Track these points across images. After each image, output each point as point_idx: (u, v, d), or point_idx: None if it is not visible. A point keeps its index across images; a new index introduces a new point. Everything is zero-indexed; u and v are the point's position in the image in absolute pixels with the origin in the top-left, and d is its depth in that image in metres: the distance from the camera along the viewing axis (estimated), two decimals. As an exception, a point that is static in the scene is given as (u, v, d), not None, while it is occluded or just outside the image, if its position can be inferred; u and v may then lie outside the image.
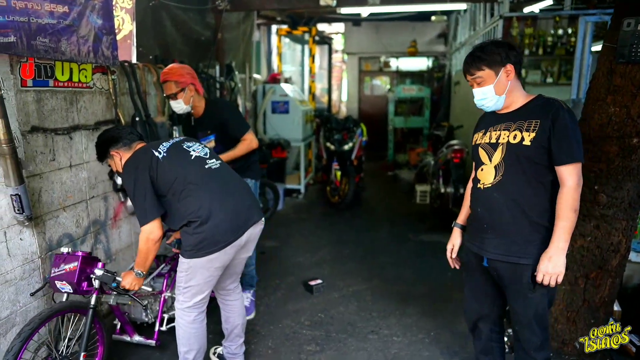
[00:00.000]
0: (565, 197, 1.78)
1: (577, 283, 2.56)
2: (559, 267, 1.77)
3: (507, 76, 1.85)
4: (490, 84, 1.86)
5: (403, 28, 9.79)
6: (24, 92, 2.30)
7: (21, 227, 2.30)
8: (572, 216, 1.78)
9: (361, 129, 6.32)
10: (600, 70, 2.44)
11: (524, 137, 1.82)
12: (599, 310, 2.57)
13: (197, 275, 2.15)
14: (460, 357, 2.60)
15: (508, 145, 1.86)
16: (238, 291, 2.50)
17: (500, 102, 1.90)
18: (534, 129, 1.81)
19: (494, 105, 1.91)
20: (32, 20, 2.20)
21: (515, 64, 1.85)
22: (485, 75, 1.86)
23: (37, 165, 2.39)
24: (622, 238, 2.48)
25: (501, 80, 1.85)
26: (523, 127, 1.84)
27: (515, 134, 1.85)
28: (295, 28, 7.47)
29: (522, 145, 1.82)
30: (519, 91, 1.91)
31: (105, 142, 2.30)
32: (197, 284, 2.17)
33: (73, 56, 2.50)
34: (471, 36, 6.27)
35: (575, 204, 1.78)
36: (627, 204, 2.43)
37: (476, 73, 1.87)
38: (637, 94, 2.28)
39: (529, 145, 1.80)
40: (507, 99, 1.89)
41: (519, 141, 1.83)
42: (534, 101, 1.89)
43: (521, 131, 1.84)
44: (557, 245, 1.78)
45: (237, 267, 2.40)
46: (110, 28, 2.79)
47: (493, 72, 1.85)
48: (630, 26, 2.16)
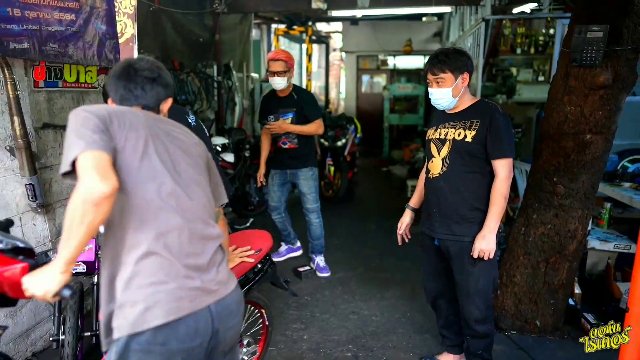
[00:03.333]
0: (498, 186, 2.08)
1: (538, 267, 2.80)
2: (490, 244, 2.07)
3: (462, 82, 2.12)
4: (449, 87, 2.12)
5: (399, 27, 10.00)
6: (36, 93, 2.56)
7: (34, 213, 2.57)
8: (502, 202, 2.08)
9: (355, 125, 6.56)
10: (558, 73, 2.68)
11: (466, 135, 2.11)
12: (558, 292, 2.81)
13: None
14: (430, 334, 2.85)
15: (453, 141, 2.14)
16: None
17: (453, 103, 2.17)
18: (474, 127, 2.10)
19: (447, 105, 2.18)
20: (43, 28, 2.45)
21: (470, 73, 2.15)
22: (446, 77, 2.11)
23: (47, 158, 2.65)
24: (579, 225, 2.72)
25: (458, 85, 2.12)
26: (466, 126, 2.12)
27: (459, 131, 2.13)
28: (292, 28, 7.70)
29: (464, 141, 2.11)
30: (467, 95, 2.20)
31: None
32: None
33: (79, 59, 2.75)
34: (460, 36, 6.49)
35: (505, 192, 2.07)
36: (583, 195, 2.67)
37: (439, 74, 2.12)
38: (589, 94, 2.51)
39: (470, 142, 2.09)
40: (458, 101, 2.17)
41: (462, 138, 2.11)
42: (476, 104, 2.18)
43: (464, 129, 2.12)
44: (489, 226, 2.07)
45: None
46: (113, 33, 3.05)
47: (453, 76, 2.11)
48: (581, 33, 2.39)
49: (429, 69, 2.17)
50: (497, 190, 2.07)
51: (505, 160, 2.06)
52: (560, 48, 2.68)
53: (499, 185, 2.07)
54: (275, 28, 8.00)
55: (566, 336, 2.81)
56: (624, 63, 2.43)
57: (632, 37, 2.37)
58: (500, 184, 2.07)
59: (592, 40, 2.36)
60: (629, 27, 2.35)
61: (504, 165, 2.06)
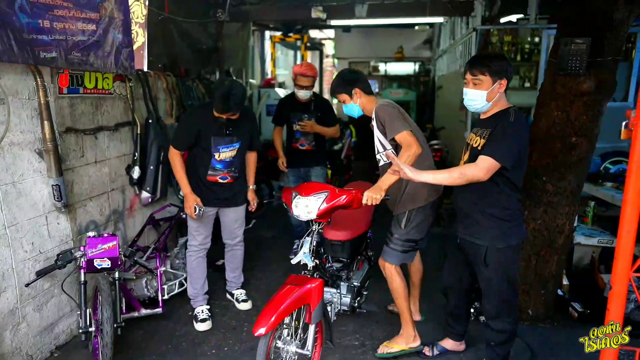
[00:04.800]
0: (466, 166, 2.10)
1: (530, 260, 3.02)
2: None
3: (500, 87, 2.12)
4: (485, 90, 2.12)
5: (391, 34, 10.27)
6: (60, 99, 2.71)
7: (58, 213, 2.71)
8: (450, 176, 2.08)
9: (350, 130, 6.78)
10: (546, 80, 2.91)
11: (479, 143, 2.15)
12: (548, 283, 3.04)
13: None
14: (434, 322, 3.05)
15: (471, 148, 2.21)
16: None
17: (486, 106, 2.17)
18: (485, 136, 2.13)
19: (480, 107, 2.19)
20: (68, 38, 2.61)
21: (508, 80, 2.14)
22: (484, 80, 2.12)
23: (70, 160, 2.80)
24: (566, 221, 2.95)
25: (494, 90, 2.12)
26: (482, 134, 2.16)
27: (477, 138, 2.18)
28: (287, 35, 7.90)
29: (477, 149, 2.14)
30: (503, 100, 2.19)
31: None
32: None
33: (99, 67, 2.91)
34: (451, 45, 6.77)
35: (462, 173, 2.06)
36: (569, 192, 2.90)
37: (478, 75, 2.12)
38: (574, 100, 2.75)
39: (480, 150, 2.12)
40: (492, 106, 2.17)
41: (477, 145, 2.16)
42: (499, 112, 2.17)
43: (481, 137, 2.16)
44: (420, 173, 2.10)
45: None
46: (129, 42, 3.22)
47: (492, 80, 2.11)
48: (567, 45, 2.62)
49: (468, 68, 2.17)
50: (463, 169, 2.08)
51: (490, 159, 2.03)
52: (548, 58, 2.92)
53: (467, 167, 2.08)
54: (271, 35, 8.19)
55: (556, 323, 3.04)
56: (605, 72, 2.67)
57: (612, 49, 2.62)
58: (471, 167, 2.06)
59: (577, 51, 2.59)
60: (609, 40, 2.59)
61: (486, 162, 2.03)
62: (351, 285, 2.91)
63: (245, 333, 3.01)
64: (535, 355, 2.71)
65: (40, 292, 2.62)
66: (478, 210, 2.23)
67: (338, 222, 2.80)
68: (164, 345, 2.86)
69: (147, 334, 2.99)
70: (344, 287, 2.90)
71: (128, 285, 3.07)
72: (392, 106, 2.58)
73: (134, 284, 3.12)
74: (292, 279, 2.31)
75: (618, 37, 2.61)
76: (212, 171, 2.97)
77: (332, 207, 2.37)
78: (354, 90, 2.67)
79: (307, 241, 2.46)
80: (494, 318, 2.34)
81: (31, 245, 2.54)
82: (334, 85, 2.76)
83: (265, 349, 2.13)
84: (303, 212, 2.39)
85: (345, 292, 2.88)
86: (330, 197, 2.37)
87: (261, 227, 5.11)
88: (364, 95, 2.68)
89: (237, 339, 2.94)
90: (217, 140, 2.90)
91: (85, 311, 2.46)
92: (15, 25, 2.22)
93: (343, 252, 2.87)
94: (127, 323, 2.81)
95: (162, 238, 3.42)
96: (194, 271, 3.14)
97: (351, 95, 2.68)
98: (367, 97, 2.69)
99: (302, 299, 2.22)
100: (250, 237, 4.76)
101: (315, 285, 2.27)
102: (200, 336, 2.96)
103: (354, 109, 2.72)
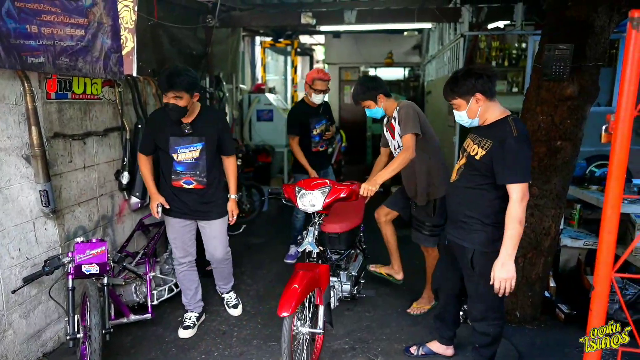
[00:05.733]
0: (511, 210, 2.04)
1: (517, 262, 2.95)
2: (510, 272, 2.05)
3: (476, 102, 2.14)
4: (464, 110, 2.19)
5: (380, 40, 10.35)
6: (48, 104, 2.70)
7: (46, 218, 2.69)
8: (517, 226, 2.02)
9: (340, 135, 6.81)
10: (531, 85, 2.97)
11: (477, 152, 2.16)
12: (535, 285, 3.08)
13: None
14: (422, 325, 3.07)
15: (468, 156, 2.23)
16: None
17: (474, 122, 2.22)
18: (486, 148, 2.12)
19: (469, 124, 2.25)
20: (56, 43, 2.60)
21: (484, 91, 2.12)
22: (458, 102, 2.19)
23: (58, 166, 2.79)
24: (552, 223, 2.99)
25: (472, 108, 2.16)
26: (481, 144, 2.16)
27: (475, 147, 2.19)
28: (278, 40, 7.94)
29: (474, 158, 2.17)
30: (492, 110, 2.17)
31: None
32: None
33: (88, 72, 2.89)
34: (440, 50, 6.85)
35: (519, 216, 2.01)
36: (555, 195, 2.95)
37: (452, 101, 2.23)
38: (559, 105, 2.81)
39: (478, 160, 2.15)
40: (481, 119, 2.20)
41: (474, 154, 2.18)
42: (497, 122, 2.15)
43: (479, 146, 2.16)
44: (505, 252, 2.05)
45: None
46: (118, 47, 3.21)
47: (464, 100, 2.17)
48: (551, 51, 2.68)
49: (444, 97, 2.27)
50: (510, 214, 2.03)
51: (517, 185, 2.02)
52: (533, 63, 2.98)
53: (512, 209, 2.03)
54: (261, 41, 8.22)
55: (543, 325, 3.07)
56: (587, 77, 2.73)
57: (594, 54, 2.69)
58: (513, 206, 2.02)
59: (560, 57, 2.65)
60: (591, 46, 2.65)
61: (516, 190, 2.02)
62: (350, 274, 3.16)
63: (235, 339, 3.00)
64: (522, 357, 2.74)
65: (27, 298, 2.59)
66: (466, 214, 2.26)
67: (334, 216, 2.99)
68: (153, 351, 2.84)
69: (136, 340, 2.96)
70: (343, 275, 3.13)
71: (117, 291, 3.05)
72: (412, 108, 2.87)
73: (122, 290, 3.10)
74: (301, 266, 2.55)
75: (599, 44, 2.68)
76: (175, 175, 2.84)
77: (335, 199, 2.67)
78: (378, 96, 2.96)
79: (310, 231, 2.71)
80: (479, 321, 2.36)
81: (18, 252, 2.52)
82: (358, 93, 3.00)
83: (289, 329, 2.29)
84: (308, 205, 2.65)
85: (345, 280, 3.12)
86: (332, 191, 2.67)
87: (251, 233, 5.11)
88: (385, 99, 2.99)
89: (227, 344, 2.93)
90: (175, 140, 2.77)
91: (73, 317, 2.44)
92: (2, 30, 2.21)
93: (340, 244, 3.09)
94: (115, 329, 2.80)
95: (151, 243, 3.41)
96: (181, 283, 3.11)
97: (376, 101, 2.98)
98: (388, 100, 3.00)
99: (315, 282, 2.46)
100: (240, 242, 4.77)
101: (323, 269, 2.57)
102: (190, 342, 2.95)
103: (378, 112, 3.03)
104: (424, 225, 3.05)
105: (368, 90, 2.96)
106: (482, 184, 2.18)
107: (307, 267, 2.54)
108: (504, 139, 2.06)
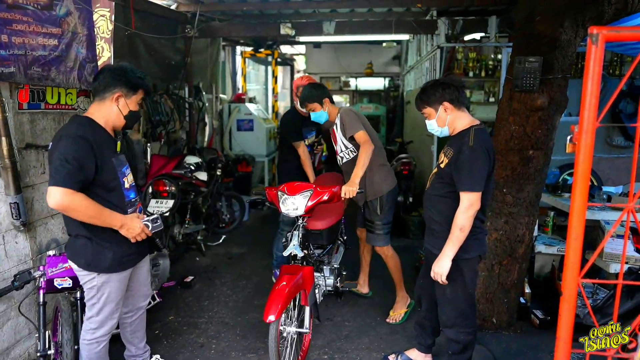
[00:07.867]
0: (455, 216, 2.15)
1: (492, 269, 3.11)
2: (442, 268, 2.17)
3: (445, 111, 2.25)
4: (433, 119, 2.30)
5: (360, 50, 10.49)
6: (20, 114, 2.64)
7: (17, 231, 2.62)
8: (457, 233, 2.13)
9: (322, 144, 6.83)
10: (504, 96, 3.05)
11: (443, 161, 2.28)
12: (511, 291, 3.13)
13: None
14: (400, 334, 3.09)
15: (438, 166, 2.35)
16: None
17: (444, 131, 2.31)
18: (449, 156, 2.25)
19: (440, 134, 2.35)
20: (28, 53, 2.57)
21: (451, 100, 2.22)
22: (427, 112, 2.31)
23: (30, 177, 2.72)
24: (526, 231, 3.06)
25: (441, 116, 2.27)
26: (446, 153, 2.29)
27: (442, 156, 2.33)
28: (258, 51, 7.96)
29: (440, 167, 2.30)
30: (461, 119, 2.26)
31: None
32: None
33: (61, 82, 2.86)
34: (418, 61, 6.97)
35: (461, 223, 2.12)
36: (528, 203, 3.02)
37: (422, 110, 2.34)
38: (530, 115, 2.89)
39: (442, 168, 2.27)
40: (450, 128, 2.29)
41: (440, 163, 2.32)
42: (461, 132, 2.24)
43: (444, 155, 2.30)
44: (443, 252, 2.19)
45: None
46: (93, 57, 3.18)
47: (433, 109, 2.28)
48: (521, 63, 2.76)
49: (416, 106, 2.39)
50: (455, 220, 2.14)
51: (466, 194, 2.12)
52: (506, 75, 3.06)
53: (457, 215, 2.13)
54: (242, 51, 8.23)
55: (519, 330, 3.12)
56: (556, 89, 2.82)
57: (562, 67, 2.78)
58: (458, 214, 2.13)
59: (530, 69, 2.74)
60: (558, 59, 2.75)
61: (464, 198, 2.12)
62: (332, 268, 3.27)
63: (213, 351, 2.96)
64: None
65: (-4, 314, 2.51)
66: (436, 221, 2.34)
67: (316, 213, 3.03)
68: (129, 366, 2.77)
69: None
70: (326, 270, 3.23)
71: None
72: (353, 112, 3.13)
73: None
74: (286, 269, 2.62)
75: (566, 57, 2.77)
76: (130, 207, 2.16)
77: (317, 203, 2.72)
78: (324, 100, 3.18)
79: (295, 235, 2.76)
80: (449, 327, 2.41)
81: (-14, 266, 2.44)
82: (306, 95, 3.20)
83: (276, 333, 2.36)
84: (291, 209, 2.71)
85: (328, 274, 3.23)
86: (314, 195, 2.72)
87: (231, 243, 5.06)
88: (330, 105, 3.22)
89: (205, 357, 2.89)
90: (117, 161, 2.11)
91: (44, 333, 2.37)
92: (-28, 40, 2.17)
93: (323, 239, 3.18)
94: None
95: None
96: None
97: (322, 104, 3.18)
98: (332, 105, 3.25)
99: (299, 285, 2.53)
100: (220, 252, 4.72)
101: (307, 271, 2.65)
102: (167, 356, 2.89)
103: (322, 115, 3.22)
104: (374, 224, 3.19)
105: (316, 93, 3.17)
106: (448, 192, 2.27)
107: (291, 270, 2.62)
108: (461, 149, 2.16)
